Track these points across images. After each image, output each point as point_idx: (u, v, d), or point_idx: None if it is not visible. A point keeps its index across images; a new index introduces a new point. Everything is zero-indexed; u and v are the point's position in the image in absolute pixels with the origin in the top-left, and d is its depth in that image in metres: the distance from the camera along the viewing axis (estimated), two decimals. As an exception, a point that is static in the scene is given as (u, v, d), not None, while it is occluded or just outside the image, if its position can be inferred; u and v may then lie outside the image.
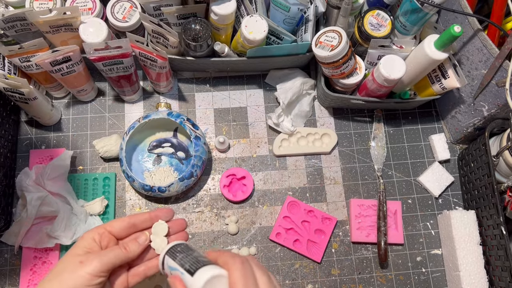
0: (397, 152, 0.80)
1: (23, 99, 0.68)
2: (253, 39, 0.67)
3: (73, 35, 0.68)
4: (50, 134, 0.78)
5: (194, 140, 0.69)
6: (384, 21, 0.69)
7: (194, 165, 0.69)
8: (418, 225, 0.76)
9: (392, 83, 0.68)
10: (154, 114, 0.71)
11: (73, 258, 0.44)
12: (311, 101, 0.81)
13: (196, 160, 0.69)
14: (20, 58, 0.67)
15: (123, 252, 0.46)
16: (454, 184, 0.78)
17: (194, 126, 0.71)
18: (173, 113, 0.71)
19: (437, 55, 0.64)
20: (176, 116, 0.71)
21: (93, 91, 0.78)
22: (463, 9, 0.66)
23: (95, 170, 0.76)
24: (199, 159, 0.69)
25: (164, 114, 0.71)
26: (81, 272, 0.43)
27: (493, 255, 0.67)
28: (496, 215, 0.65)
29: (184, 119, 0.70)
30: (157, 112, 0.72)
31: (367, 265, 0.74)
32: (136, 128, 0.71)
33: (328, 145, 0.79)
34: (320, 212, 0.74)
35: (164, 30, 0.66)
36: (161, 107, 0.76)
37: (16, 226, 0.69)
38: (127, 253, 0.46)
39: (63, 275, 0.43)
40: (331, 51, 0.65)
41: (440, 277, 0.73)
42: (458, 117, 0.76)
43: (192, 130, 0.70)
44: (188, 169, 0.69)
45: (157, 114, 0.71)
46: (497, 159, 0.67)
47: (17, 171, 0.75)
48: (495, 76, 0.63)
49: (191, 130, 0.69)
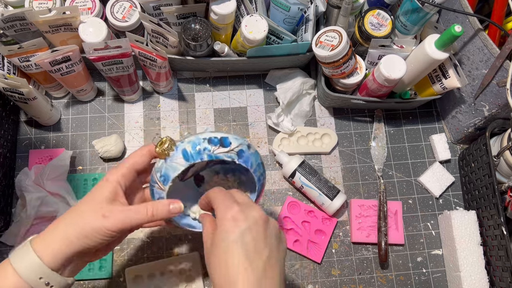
0: (397, 152, 0.80)
1: (22, 99, 0.68)
2: (253, 38, 0.66)
3: (73, 34, 0.68)
4: (50, 134, 0.77)
5: (240, 160, 0.49)
6: (385, 21, 0.69)
7: (259, 178, 0.53)
8: (419, 226, 0.76)
9: (392, 83, 0.68)
10: (170, 169, 0.47)
11: (96, 206, 0.45)
12: (311, 101, 0.81)
13: (258, 173, 0.52)
14: (19, 58, 0.67)
15: (148, 216, 0.46)
16: (454, 184, 0.78)
17: (224, 142, 0.48)
18: (190, 152, 0.47)
19: (437, 55, 0.64)
20: (198, 153, 0.47)
21: (92, 91, 0.78)
22: (463, 9, 0.66)
23: (95, 170, 0.76)
24: (259, 168, 0.52)
25: (181, 163, 0.47)
26: (101, 225, 0.44)
27: (494, 255, 0.66)
28: (497, 215, 0.65)
29: (209, 148, 0.47)
30: (171, 164, 0.47)
31: (367, 265, 0.73)
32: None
33: (328, 145, 0.78)
34: (320, 212, 0.74)
35: (163, 30, 0.66)
36: (165, 145, 0.47)
37: (16, 226, 0.69)
38: (151, 217, 0.46)
39: (81, 221, 0.44)
40: (331, 51, 0.65)
41: (441, 278, 0.73)
42: (458, 117, 0.76)
43: (228, 152, 0.48)
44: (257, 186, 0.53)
45: (174, 168, 0.47)
46: (498, 159, 0.67)
47: (17, 171, 0.75)
48: (495, 76, 0.63)
49: (227, 154, 0.48)
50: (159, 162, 0.48)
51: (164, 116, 0.80)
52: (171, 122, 0.79)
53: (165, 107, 0.80)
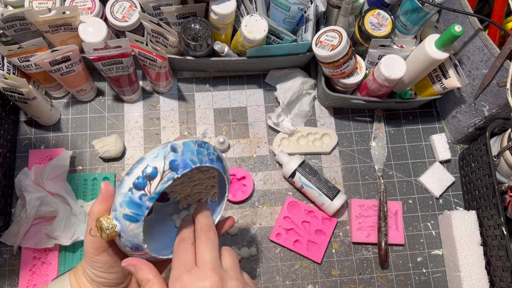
0: (397, 152, 0.80)
1: (22, 99, 0.67)
2: (253, 38, 0.66)
3: (73, 34, 0.68)
4: (49, 134, 0.77)
5: (179, 171, 0.41)
6: (385, 21, 0.68)
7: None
8: (419, 226, 0.76)
9: (392, 83, 0.67)
10: (133, 238, 0.41)
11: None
12: (311, 101, 0.81)
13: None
14: (19, 58, 0.67)
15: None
16: (454, 184, 0.78)
17: (150, 173, 0.40)
18: (132, 213, 0.40)
19: (437, 55, 0.64)
20: (139, 207, 0.40)
21: (92, 91, 0.78)
22: (464, 9, 0.65)
23: (95, 170, 0.76)
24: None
25: (135, 227, 0.41)
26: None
27: (494, 255, 0.66)
28: (497, 215, 0.65)
29: (144, 193, 0.40)
30: (129, 235, 0.41)
31: (367, 265, 0.73)
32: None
33: (328, 145, 0.78)
34: (320, 212, 0.74)
35: (163, 30, 0.65)
36: (104, 226, 0.40)
37: (15, 226, 0.69)
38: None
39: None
40: (331, 51, 0.65)
41: (441, 278, 0.73)
42: (459, 117, 0.76)
43: (162, 178, 0.40)
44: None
45: (135, 235, 0.41)
46: (498, 159, 0.67)
47: (16, 171, 0.75)
48: (496, 76, 0.63)
49: (164, 181, 0.40)
50: (117, 240, 0.42)
51: (164, 116, 0.80)
52: (171, 122, 0.79)
53: (165, 107, 0.80)
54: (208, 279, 0.38)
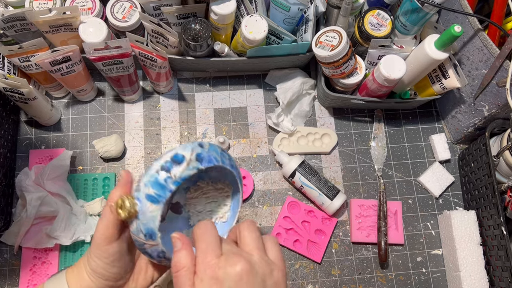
0: (397, 152, 0.80)
1: (22, 99, 0.68)
2: (253, 38, 0.67)
3: (73, 35, 0.68)
4: (50, 134, 0.78)
5: (203, 164, 0.44)
6: (385, 21, 0.69)
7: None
8: (419, 225, 0.76)
9: (392, 83, 0.68)
10: (149, 222, 0.42)
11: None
12: (311, 101, 0.81)
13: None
14: (19, 58, 0.67)
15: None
16: (454, 184, 0.78)
17: (177, 159, 0.42)
18: (155, 193, 0.41)
19: (437, 55, 0.64)
20: (163, 188, 0.41)
21: (92, 91, 0.78)
22: (463, 9, 0.66)
23: (95, 170, 0.76)
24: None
25: (155, 209, 0.42)
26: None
27: (494, 255, 0.67)
28: (497, 215, 0.65)
29: (170, 176, 0.42)
30: (146, 217, 0.42)
31: (367, 265, 0.74)
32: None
33: (328, 145, 0.79)
34: (320, 212, 0.74)
35: (164, 30, 0.66)
36: (126, 205, 0.41)
37: (16, 226, 0.69)
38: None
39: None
40: (331, 51, 0.65)
41: (441, 278, 0.73)
42: (458, 117, 0.76)
43: (188, 165, 0.42)
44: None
45: (152, 218, 0.42)
46: (498, 159, 0.67)
47: (17, 171, 0.75)
48: (495, 76, 0.63)
49: (189, 168, 0.42)
50: (133, 225, 0.42)
51: (164, 116, 0.80)
52: (171, 122, 0.80)
53: (165, 107, 0.80)
54: (239, 263, 0.36)
